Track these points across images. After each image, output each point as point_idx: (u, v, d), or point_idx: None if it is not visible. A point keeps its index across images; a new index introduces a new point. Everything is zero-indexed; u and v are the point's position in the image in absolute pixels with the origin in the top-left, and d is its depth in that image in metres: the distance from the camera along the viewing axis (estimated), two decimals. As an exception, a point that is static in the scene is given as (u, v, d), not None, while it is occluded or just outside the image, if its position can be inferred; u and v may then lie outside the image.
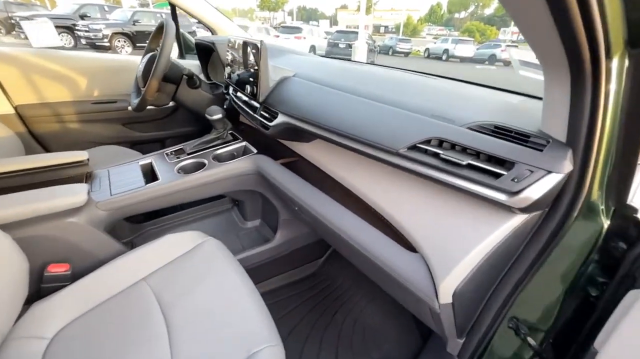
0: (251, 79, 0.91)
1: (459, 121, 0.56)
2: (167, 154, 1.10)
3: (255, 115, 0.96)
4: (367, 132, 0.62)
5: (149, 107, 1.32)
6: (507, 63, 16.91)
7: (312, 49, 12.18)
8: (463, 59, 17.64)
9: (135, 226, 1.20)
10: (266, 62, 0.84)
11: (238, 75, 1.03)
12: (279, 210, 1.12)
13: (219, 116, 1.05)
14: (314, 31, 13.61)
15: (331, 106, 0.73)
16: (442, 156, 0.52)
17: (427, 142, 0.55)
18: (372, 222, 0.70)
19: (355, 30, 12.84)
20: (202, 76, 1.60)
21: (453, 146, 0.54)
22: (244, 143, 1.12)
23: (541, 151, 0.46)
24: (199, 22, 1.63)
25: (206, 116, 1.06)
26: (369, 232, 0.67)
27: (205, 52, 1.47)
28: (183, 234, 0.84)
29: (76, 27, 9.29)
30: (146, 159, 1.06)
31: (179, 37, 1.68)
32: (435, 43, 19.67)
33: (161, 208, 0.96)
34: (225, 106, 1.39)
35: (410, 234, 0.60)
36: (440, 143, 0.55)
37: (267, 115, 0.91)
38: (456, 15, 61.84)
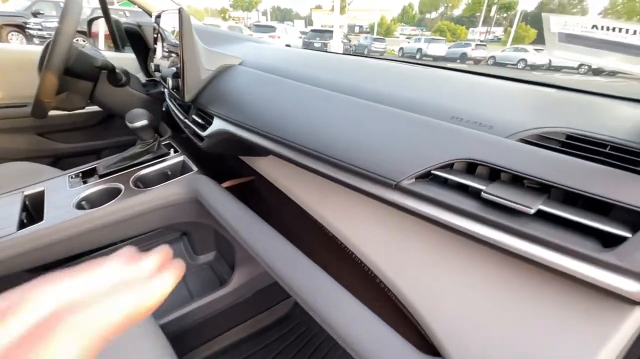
0: (174, 69, 0.63)
1: (498, 126, 0.32)
2: (71, 176, 0.79)
3: (186, 120, 0.68)
4: (347, 149, 0.36)
5: (62, 112, 1.00)
6: (477, 61, 17.42)
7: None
8: (436, 58, 17.98)
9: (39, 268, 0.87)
10: (192, 42, 0.56)
11: (166, 63, 0.75)
12: (234, 245, 0.84)
13: (142, 122, 0.76)
14: (288, 30, 13.31)
15: (294, 106, 0.47)
16: (484, 194, 0.27)
17: (449, 166, 0.31)
18: (361, 291, 0.45)
19: (330, 29, 12.69)
20: (140, 75, 1.29)
21: (495, 173, 0.29)
22: (181, 158, 0.83)
23: None
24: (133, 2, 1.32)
25: (126, 122, 0.77)
26: (353, 310, 0.41)
27: (138, 40, 1.16)
28: None
29: (27, 26, 8.51)
30: (37, 187, 0.74)
31: (110, 24, 1.36)
32: (408, 42, 19.98)
33: (50, 262, 0.66)
34: (163, 109, 1.09)
35: (431, 328, 0.34)
36: (471, 167, 0.31)
37: (200, 121, 0.63)
38: (427, 15, 63.47)
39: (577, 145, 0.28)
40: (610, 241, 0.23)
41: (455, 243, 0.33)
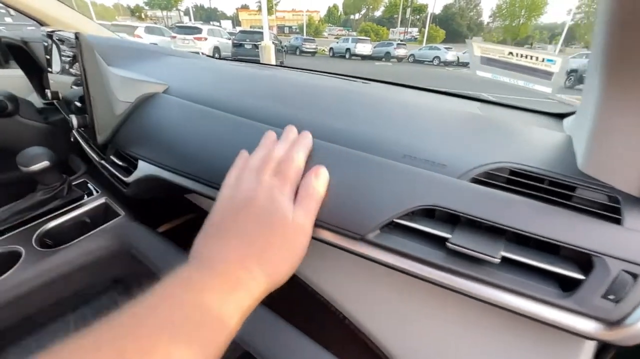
0: (77, 104, 0.52)
1: (451, 165, 0.32)
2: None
3: (103, 162, 0.57)
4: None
5: None
6: (399, 59, 18.98)
7: (217, 50, 11.31)
8: (363, 57, 19.03)
9: None
10: (99, 74, 0.47)
11: (67, 94, 0.61)
12: None
13: (42, 164, 0.61)
14: (215, 31, 12.61)
15: (236, 147, 0.41)
16: (449, 245, 0.27)
17: (410, 214, 0.30)
18: (329, 336, 0.42)
19: (259, 30, 12.42)
20: (33, 96, 1.06)
21: (451, 216, 0.30)
22: (102, 200, 0.70)
23: (618, 221, 0.25)
24: (21, 13, 1.07)
25: (19, 166, 0.61)
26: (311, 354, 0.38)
27: (27, 56, 0.94)
28: None
29: None
30: None
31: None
32: (337, 42, 20.76)
33: None
34: (72, 139, 0.92)
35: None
36: (428, 212, 0.31)
37: (120, 163, 0.53)
38: (351, 16, 66.74)
39: (519, 181, 0.30)
40: (564, 280, 0.25)
41: (425, 288, 0.32)
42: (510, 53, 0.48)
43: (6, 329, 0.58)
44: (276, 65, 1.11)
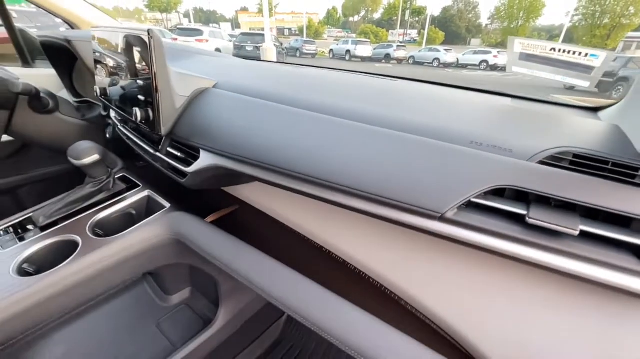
0: (141, 98, 0.54)
1: (517, 150, 0.35)
2: (1, 231, 0.62)
3: (159, 154, 0.59)
4: (380, 182, 0.36)
5: None
6: (399, 61, 19.06)
7: (218, 52, 11.34)
8: (363, 59, 19.11)
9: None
10: (165, 69, 0.49)
11: (123, 89, 0.64)
12: (217, 279, 0.77)
13: (93, 158, 0.64)
14: (216, 33, 12.67)
15: (298, 135, 0.44)
16: (530, 220, 0.29)
17: (483, 194, 0.33)
18: (375, 307, 0.45)
19: (260, 32, 12.47)
20: (63, 92, 1.08)
21: (522, 195, 0.32)
22: (146, 193, 0.72)
23: None
24: (50, 12, 1.10)
25: (69, 159, 0.64)
26: (377, 332, 0.41)
27: (61, 56, 0.97)
28: None
29: None
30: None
31: (14, 34, 1.11)
32: (337, 44, 20.82)
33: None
34: (108, 136, 0.94)
35: (479, 349, 0.36)
36: (498, 191, 0.33)
37: (178, 154, 0.56)
38: (351, 18, 66.97)
39: (583, 163, 0.33)
40: (638, 251, 0.28)
41: (500, 266, 0.35)
42: (553, 49, 0.51)
43: (57, 317, 0.60)
44: (307, 65, 1.14)
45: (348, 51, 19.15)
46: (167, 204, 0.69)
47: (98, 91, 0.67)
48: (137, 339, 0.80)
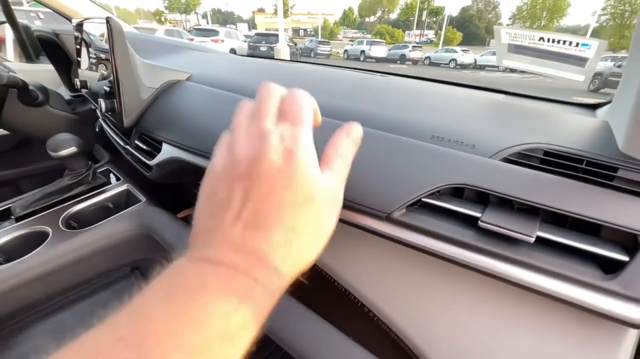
0: (107, 89, 0.53)
1: (480, 146, 0.31)
2: (-27, 224, 0.63)
3: (128, 147, 0.58)
4: None
5: None
6: (415, 62, 18.80)
7: (233, 52, 11.55)
8: (378, 59, 18.97)
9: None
10: (127, 58, 0.48)
11: (96, 80, 0.63)
12: None
13: (70, 150, 0.63)
14: (232, 33, 12.88)
15: None
16: (482, 224, 0.26)
17: (437, 192, 0.29)
18: (346, 322, 0.42)
19: (275, 33, 12.58)
20: (62, 89, 1.10)
21: (482, 195, 0.29)
22: (124, 187, 0.72)
23: None
24: (56, 12, 1.12)
25: (48, 152, 0.64)
26: (330, 339, 0.38)
27: (57, 50, 0.99)
28: None
29: None
30: None
31: (18, 31, 1.14)
32: (352, 45, 20.76)
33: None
34: (97, 129, 0.95)
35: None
36: (458, 190, 0.30)
37: (145, 147, 0.54)
38: (367, 19, 66.66)
39: (554, 161, 0.29)
40: (605, 263, 0.24)
41: (448, 273, 0.31)
42: (542, 38, 0.46)
43: (28, 306, 0.60)
44: (293, 61, 1.12)
45: (362, 51, 19.07)
46: (143, 199, 0.68)
47: (78, 83, 0.67)
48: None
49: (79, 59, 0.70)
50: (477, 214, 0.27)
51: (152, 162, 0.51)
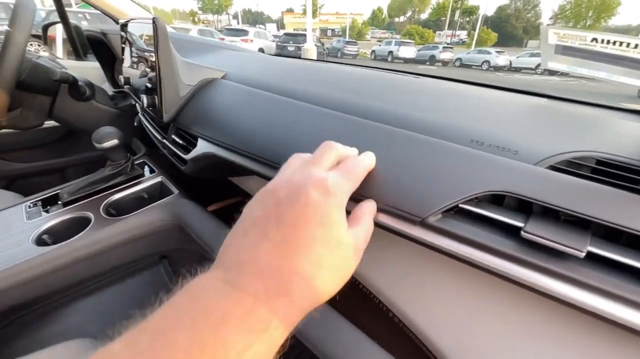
0: (149, 85, 0.56)
1: (524, 152, 0.30)
2: (29, 205, 0.69)
3: (165, 142, 0.61)
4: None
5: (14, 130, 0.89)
6: (445, 63, 18.21)
7: (261, 52, 11.81)
8: (406, 60, 18.57)
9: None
10: (170, 56, 0.50)
11: (139, 77, 0.67)
12: None
13: (112, 142, 0.68)
14: (261, 34, 13.15)
15: (291, 127, 0.42)
16: (525, 235, 0.24)
17: (474, 199, 0.28)
18: (370, 324, 0.41)
19: (303, 32, 12.70)
20: (106, 85, 1.18)
21: (526, 206, 0.27)
22: (159, 179, 0.75)
23: None
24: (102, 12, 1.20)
25: (93, 143, 0.69)
26: (356, 343, 0.38)
27: (103, 49, 1.06)
28: (55, 351, 0.47)
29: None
30: (-14, 220, 0.64)
31: (69, 30, 1.23)
32: (380, 45, 20.48)
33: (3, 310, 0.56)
34: (135, 124, 1.00)
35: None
36: (498, 198, 0.28)
37: (181, 142, 0.57)
38: (396, 19, 65.50)
39: (608, 171, 0.27)
40: None
41: (483, 280, 0.30)
42: (595, 39, 0.43)
43: (70, 286, 0.65)
44: (321, 60, 1.12)
45: (390, 52, 18.77)
46: (176, 191, 0.71)
47: (122, 80, 0.71)
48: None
49: (123, 56, 0.74)
50: (520, 224, 0.25)
51: (187, 157, 0.53)
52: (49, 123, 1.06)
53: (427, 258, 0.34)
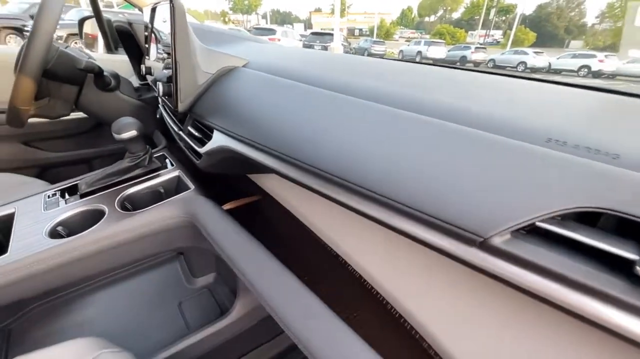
0: (166, 72, 0.53)
1: (628, 156, 0.22)
2: (48, 195, 0.68)
3: (181, 133, 0.58)
4: (408, 186, 0.26)
5: (43, 119, 0.91)
6: (477, 64, 17.42)
7: (287, 51, 11.92)
8: (436, 61, 17.99)
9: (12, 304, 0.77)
10: (187, 40, 0.46)
11: (159, 65, 0.64)
12: (237, 272, 0.74)
13: (131, 133, 0.65)
14: (288, 33, 13.28)
15: (319, 119, 0.37)
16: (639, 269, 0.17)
17: (557, 217, 0.21)
18: (380, 330, 0.35)
19: (330, 32, 12.66)
20: (134, 78, 1.19)
21: (633, 228, 0.19)
22: (176, 173, 0.73)
23: None
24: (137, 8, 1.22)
25: (112, 133, 0.67)
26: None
27: (131, 41, 1.06)
28: (66, 347, 0.45)
29: (25, 28, 8.45)
30: (6, 209, 0.64)
31: (102, 24, 1.26)
32: (408, 45, 19.99)
33: (16, 300, 0.55)
34: (158, 116, 0.99)
35: None
36: (585, 217, 0.21)
37: (197, 134, 0.53)
38: (426, 19, 63.71)
39: None
40: None
41: (558, 321, 0.22)
42: None
43: (82, 279, 0.63)
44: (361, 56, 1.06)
45: (419, 52, 18.25)
46: (192, 186, 0.67)
47: (144, 69, 0.69)
48: (157, 316, 0.82)
49: (146, 45, 0.72)
50: (633, 257, 0.18)
51: (202, 150, 0.49)
52: (80, 114, 1.08)
53: (473, 280, 0.27)
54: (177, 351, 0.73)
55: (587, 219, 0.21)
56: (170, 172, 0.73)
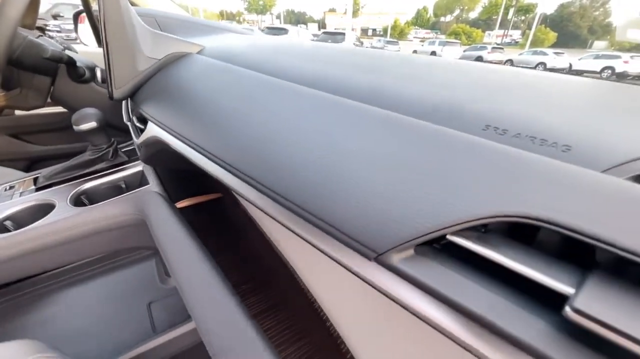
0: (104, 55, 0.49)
1: (581, 148, 0.16)
2: (5, 188, 0.66)
3: (128, 124, 0.54)
4: (314, 190, 0.21)
5: (39, 111, 0.89)
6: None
7: (298, 50, 11.93)
8: (450, 61, 17.57)
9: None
10: (119, 19, 0.42)
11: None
12: (172, 274, 0.70)
13: (90, 125, 0.62)
14: (300, 32, 13.28)
15: (248, 110, 0.31)
16: (569, 312, 0.11)
17: (480, 227, 0.15)
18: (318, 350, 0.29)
19: (342, 31, 12.59)
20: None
21: (571, 245, 0.13)
22: (139, 167, 0.69)
23: None
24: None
25: (72, 125, 0.64)
26: None
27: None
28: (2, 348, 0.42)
29: (47, 27, 8.78)
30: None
31: (91, 16, 1.24)
32: (422, 45, 19.67)
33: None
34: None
35: None
36: (520, 229, 0.15)
37: (138, 124, 0.49)
38: (442, 19, 62.58)
39: None
40: None
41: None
42: None
43: (38, 276, 0.60)
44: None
45: (433, 52, 17.91)
46: (150, 182, 0.64)
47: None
48: (125, 316, 0.79)
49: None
50: (566, 289, 0.12)
51: (137, 141, 0.44)
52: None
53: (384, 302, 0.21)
54: (139, 354, 0.69)
55: (530, 234, 0.16)
56: (133, 167, 0.70)
